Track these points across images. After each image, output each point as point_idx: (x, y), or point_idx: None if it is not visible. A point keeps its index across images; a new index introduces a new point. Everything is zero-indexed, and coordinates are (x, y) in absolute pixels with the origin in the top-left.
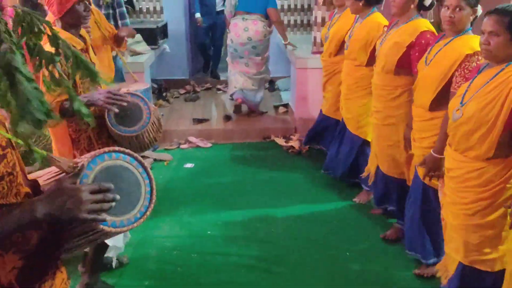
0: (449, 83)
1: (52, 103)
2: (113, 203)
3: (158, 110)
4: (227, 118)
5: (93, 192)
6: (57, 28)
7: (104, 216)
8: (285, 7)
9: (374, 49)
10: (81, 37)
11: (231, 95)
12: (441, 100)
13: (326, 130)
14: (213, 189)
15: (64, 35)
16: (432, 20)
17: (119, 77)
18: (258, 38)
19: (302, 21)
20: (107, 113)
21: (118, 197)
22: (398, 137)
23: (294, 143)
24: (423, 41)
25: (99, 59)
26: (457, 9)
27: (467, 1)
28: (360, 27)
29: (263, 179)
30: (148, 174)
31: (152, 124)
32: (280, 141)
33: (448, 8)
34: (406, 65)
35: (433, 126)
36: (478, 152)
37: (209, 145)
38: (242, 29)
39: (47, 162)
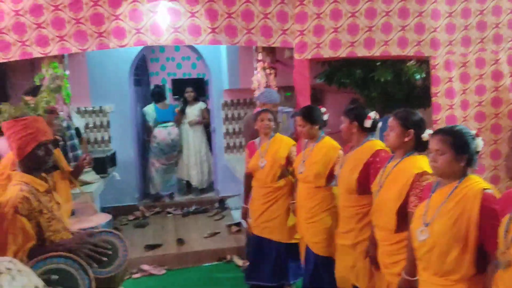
0: (405, 204)
1: (18, 253)
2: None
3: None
4: (180, 241)
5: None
6: (18, 172)
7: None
8: (230, 130)
9: (331, 170)
10: (43, 178)
11: None
12: (403, 220)
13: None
14: None
15: (26, 178)
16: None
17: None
18: None
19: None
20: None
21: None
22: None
23: None
24: (378, 159)
25: (58, 194)
26: (390, 131)
27: (398, 122)
28: (316, 150)
29: None
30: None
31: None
32: (238, 261)
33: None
34: (367, 183)
35: (403, 249)
36: (461, 273)
37: (163, 271)
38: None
39: None
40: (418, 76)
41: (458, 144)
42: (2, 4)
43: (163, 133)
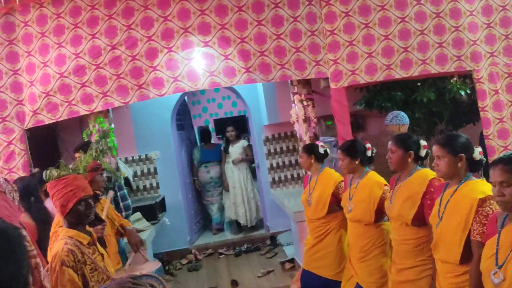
0: (469, 233)
1: None
2: None
3: None
4: (234, 283)
5: None
6: (64, 228)
7: None
8: (274, 165)
9: (378, 207)
10: (87, 232)
11: None
12: (468, 250)
13: None
14: None
15: (70, 233)
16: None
17: (124, 258)
18: None
19: (292, 175)
20: None
21: None
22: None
23: None
24: (432, 189)
25: (108, 246)
26: (439, 160)
27: (446, 150)
28: (360, 187)
29: None
30: None
31: None
32: None
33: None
34: (422, 215)
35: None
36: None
37: None
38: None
39: None
40: (463, 92)
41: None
42: (48, 68)
43: (203, 172)
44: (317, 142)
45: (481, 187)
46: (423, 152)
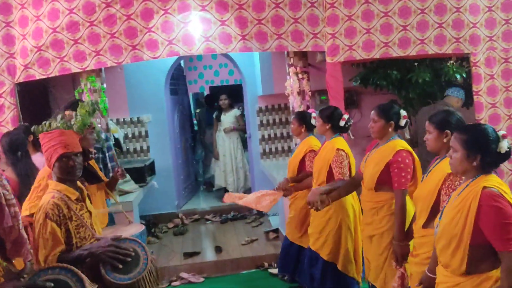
0: (438, 202)
1: (48, 257)
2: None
3: (155, 259)
4: (219, 249)
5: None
6: (53, 181)
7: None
8: (266, 136)
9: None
10: (77, 188)
11: None
12: (433, 218)
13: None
14: None
15: (59, 187)
16: (408, 137)
17: (110, 219)
18: None
19: (282, 147)
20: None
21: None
22: (384, 245)
23: None
24: (399, 159)
25: (94, 206)
26: (429, 135)
27: (436, 127)
28: (322, 150)
29: None
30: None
31: (149, 272)
32: (274, 271)
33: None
34: (386, 182)
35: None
36: (453, 266)
37: (202, 279)
38: None
39: None
40: (458, 76)
41: (470, 143)
42: (40, 22)
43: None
44: (309, 111)
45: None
46: (402, 122)
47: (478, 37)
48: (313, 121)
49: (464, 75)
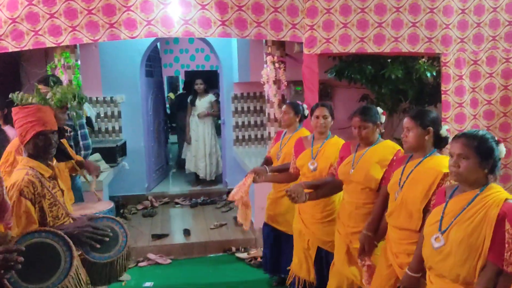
0: (429, 202)
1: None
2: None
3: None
4: (187, 232)
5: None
6: (24, 157)
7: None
8: (239, 123)
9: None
10: (49, 165)
11: None
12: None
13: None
14: None
15: (32, 163)
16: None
17: (79, 196)
18: None
19: (256, 135)
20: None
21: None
22: None
23: (256, 254)
24: (395, 158)
25: (62, 182)
26: (408, 132)
27: (416, 123)
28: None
29: None
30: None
31: (127, 249)
32: (242, 255)
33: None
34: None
35: None
36: (468, 279)
37: (169, 261)
38: None
39: None
40: (429, 74)
41: (483, 149)
42: None
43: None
44: (299, 102)
45: (446, 162)
46: (383, 118)
47: (450, 38)
48: (305, 112)
49: (434, 74)
